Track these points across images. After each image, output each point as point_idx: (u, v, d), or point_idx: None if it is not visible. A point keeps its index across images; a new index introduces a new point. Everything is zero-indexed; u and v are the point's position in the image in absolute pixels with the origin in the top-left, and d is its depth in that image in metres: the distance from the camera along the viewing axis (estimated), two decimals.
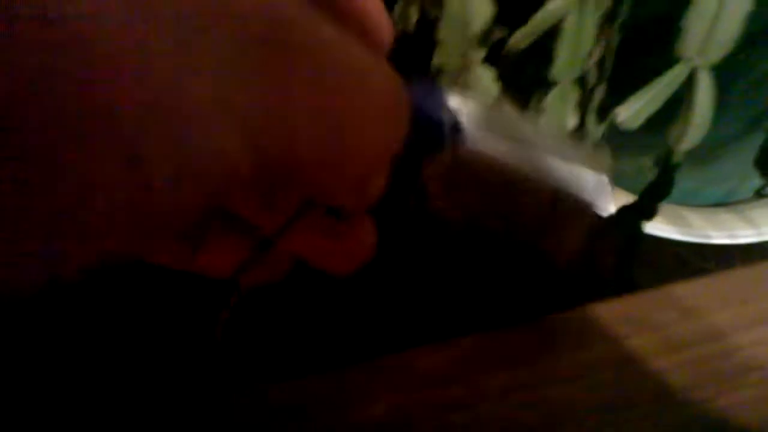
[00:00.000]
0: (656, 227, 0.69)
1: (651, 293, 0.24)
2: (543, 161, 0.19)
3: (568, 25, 0.31)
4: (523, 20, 0.36)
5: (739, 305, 0.24)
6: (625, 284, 0.45)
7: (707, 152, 0.64)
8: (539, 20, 0.30)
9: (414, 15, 0.45)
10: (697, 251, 0.63)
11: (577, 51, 0.31)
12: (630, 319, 0.23)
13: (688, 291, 0.24)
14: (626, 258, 0.45)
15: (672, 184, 0.38)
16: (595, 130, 0.37)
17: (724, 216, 0.68)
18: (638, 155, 0.57)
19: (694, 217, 0.67)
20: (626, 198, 0.46)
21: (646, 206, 0.39)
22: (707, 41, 0.33)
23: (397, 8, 0.46)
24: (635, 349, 0.22)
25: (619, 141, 0.47)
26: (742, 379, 0.21)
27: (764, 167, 0.45)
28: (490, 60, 0.34)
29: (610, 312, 0.23)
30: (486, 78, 0.34)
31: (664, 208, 0.73)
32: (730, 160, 0.63)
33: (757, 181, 0.72)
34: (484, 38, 0.32)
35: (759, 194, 0.72)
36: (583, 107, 0.36)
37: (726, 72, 0.56)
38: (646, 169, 0.41)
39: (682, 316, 0.23)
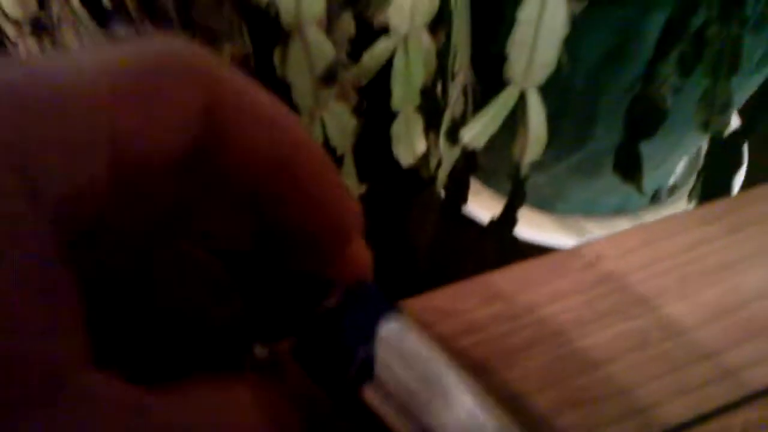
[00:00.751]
0: (556, 238, 0.73)
1: (459, 284, 0.28)
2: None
3: (398, 62, 0.35)
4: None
5: (536, 287, 0.27)
6: None
7: (595, 164, 0.69)
8: (369, 59, 0.34)
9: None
10: None
11: (410, 84, 0.35)
12: (437, 309, 0.26)
13: (493, 279, 0.28)
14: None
15: (524, 194, 0.42)
16: (450, 152, 0.41)
17: (621, 223, 0.73)
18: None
19: (592, 226, 0.72)
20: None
21: (507, 216, 0.43)
22: (529, 66, 0.37)
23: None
24: (438, 333, 0.26)
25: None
26: (528, 352, 0.25)
27: (622, 172, 0.49)
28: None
29: (423, 304, 0.27)
30: (341, 112, 0.38)
31: (564, 219, 0.77)
32: None
33: (650, 187, 0.77)
34: (329, 77, 0.36)
35: (653, 200, 0.77)
36: (433, 132, 0.40)
37: (595, 88, 0.61)
38: (542, 185, 0.45)
39: (483, 302, 0.27)
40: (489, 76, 0.45)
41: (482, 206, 0.71)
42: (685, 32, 0.43)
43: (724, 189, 0.42)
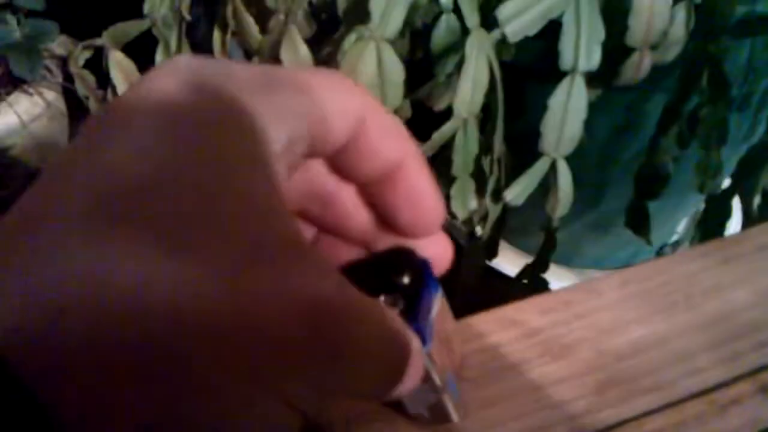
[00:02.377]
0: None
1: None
2: None
3: (458, 140, 0.44)
4: None
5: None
6: None
7: (606, 222, 0.78)
8: (437, 138, 0.44)
9: None
10: None
11: (467, 156, 0.45)
12: None
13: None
14: None
15: (555, 242, 0.51)
16: (494, 208, 0.51)
17: None
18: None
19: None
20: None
21: (540, 261, 0.52)
22: (559, 140, 0.47)
23: None
24: None
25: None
26: None
27: (633, 227, 0.58)
28: None
29: None
30: None
31: (581, 272, 0.86)
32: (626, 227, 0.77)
33: (657, 242, 0.86)
34: None
35: (659, 254, 0.86)
36: (481, 192, 0.50)
37: (606, 159, 0.71)
38: (562, 241, 0.54)
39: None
40: (517, 149, 0.55)
41: (506, 261, 0.81)
42: (681, 113, 0.53)
43: (718, 234, 0.51)
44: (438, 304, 0.23)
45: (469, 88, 0.43)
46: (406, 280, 0.21)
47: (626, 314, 0.34)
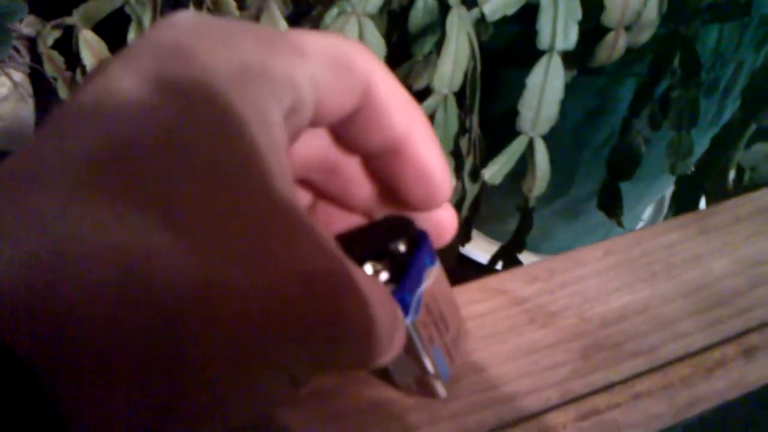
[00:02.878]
0: None
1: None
2: None
3: (438, 117, 0.45)
4: None
5: None
6: None
7: (576, 208, 0.79)
8: None
9: None
10: None
11: (447, 133, 0.45)
12: None
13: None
14: None
15: (532, 221, 0.52)
16: (471, 188, 0.51)
17: None
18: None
19: None
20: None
21: (516, 241, 0.53)
22: (536, 120, 0.47)
23: None
24: None
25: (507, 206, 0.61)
26: None
27: (605, 209, 0.59)
28: None
29: None
30: None
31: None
32: (596, 211, 0.78)
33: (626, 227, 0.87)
34: None
35: None
36: (458, 172, 0.50)
37: (577, 141, 0.72)
38: (509, 215, 0.55)
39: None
40: (491, 131, 0.56)
41: (477, 248, 0.81)
42: (653, 95, 0.54)
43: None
44: (432, 278, 0.22)
45: (450, 64, 0.43)
46: (397, 247, 0.21)
47: (609, 283, 0.34)
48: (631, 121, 0.55)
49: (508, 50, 0.55)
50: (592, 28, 0.48)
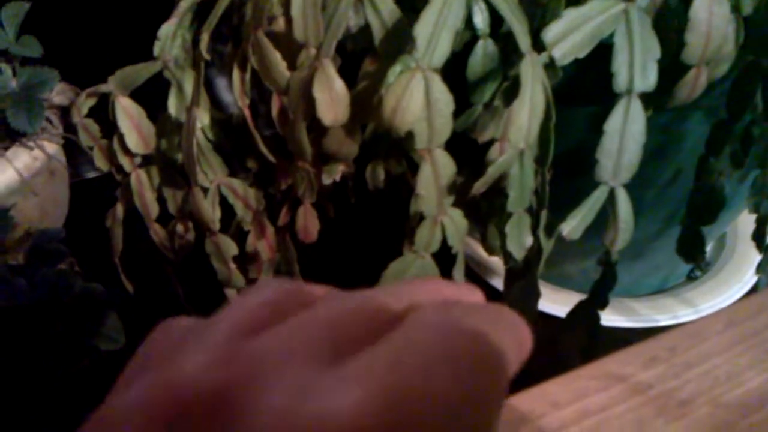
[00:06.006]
0: (608, 319, 0.78)
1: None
2: None
3: (514, 172, 0.41)
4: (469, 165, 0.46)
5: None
6: None
7: (638, 250, 0.75)
8: (493, 172, 0.40)
9: (381, 174, 0.56)
10: (646, 334, 0.71)
11: (523, 190, 0.41)
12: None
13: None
14: (590, 348, 0.54)
15: (615, 276, 0.48)
16: (547, 244, 0.47)
17: (665, 301, 0.78)
18: (582, 260, 0.67)
19: (638, 305, 0.77)
20: (576, 297, 0.55)
21: (598, 297, 0.48)
22: (617, 167, 0.43)
23: (368, 168, 0.57)
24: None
25: (564, 250, 0.57)
26: None
27: (686, 255, 0.55)
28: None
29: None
30: (457, 217, 0.44)
31: (612, 301, 0.82)
32: (658, 252, 0.73)
33: (684, 266, 0.83)
34: (451, 188, 0.42)
35: (689, 278, 0.82)
36: (533, 229, 0.46)
37: (639, 183, 0.68)
38: (590, 270, 0.51)
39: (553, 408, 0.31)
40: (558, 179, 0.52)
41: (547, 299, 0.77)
42: (733, 132, 0.50)
43: None
44: None
45: (526, 116, 0.40)
46: None
47: (739, 359, 0.30)
48: (708, 160, 0.51)
49: (572, 92, 0.51)
50: (670, 66, 0.45)
